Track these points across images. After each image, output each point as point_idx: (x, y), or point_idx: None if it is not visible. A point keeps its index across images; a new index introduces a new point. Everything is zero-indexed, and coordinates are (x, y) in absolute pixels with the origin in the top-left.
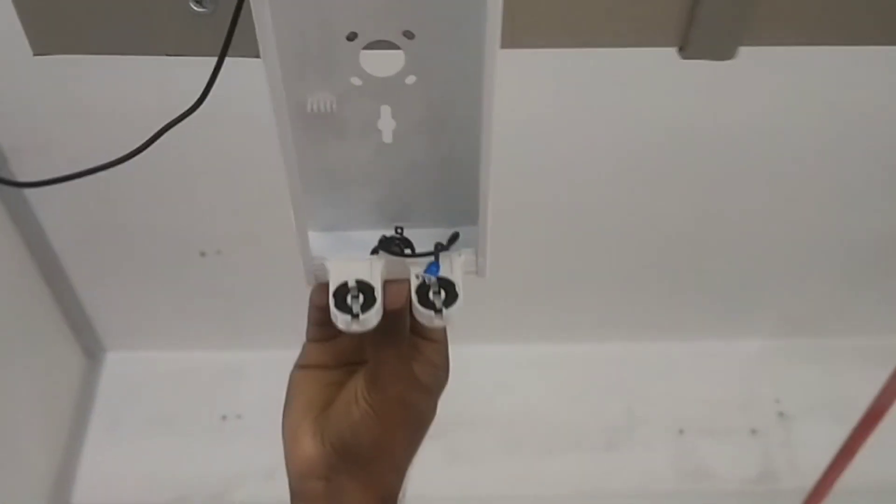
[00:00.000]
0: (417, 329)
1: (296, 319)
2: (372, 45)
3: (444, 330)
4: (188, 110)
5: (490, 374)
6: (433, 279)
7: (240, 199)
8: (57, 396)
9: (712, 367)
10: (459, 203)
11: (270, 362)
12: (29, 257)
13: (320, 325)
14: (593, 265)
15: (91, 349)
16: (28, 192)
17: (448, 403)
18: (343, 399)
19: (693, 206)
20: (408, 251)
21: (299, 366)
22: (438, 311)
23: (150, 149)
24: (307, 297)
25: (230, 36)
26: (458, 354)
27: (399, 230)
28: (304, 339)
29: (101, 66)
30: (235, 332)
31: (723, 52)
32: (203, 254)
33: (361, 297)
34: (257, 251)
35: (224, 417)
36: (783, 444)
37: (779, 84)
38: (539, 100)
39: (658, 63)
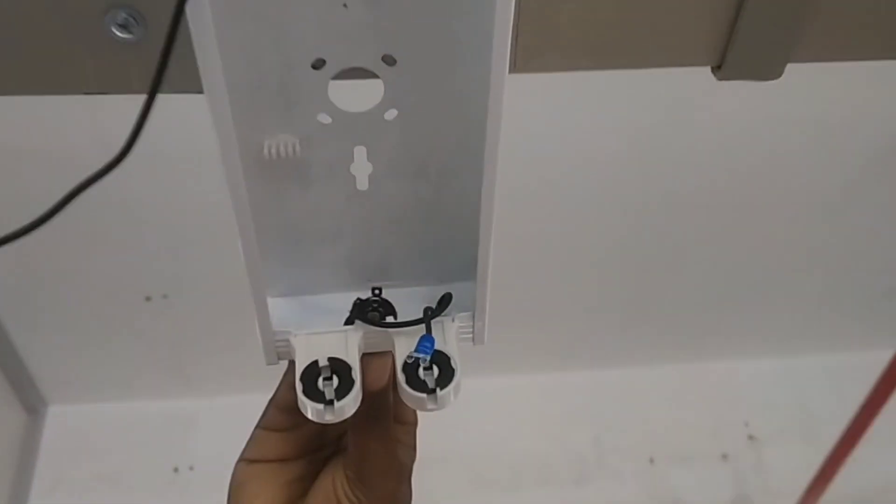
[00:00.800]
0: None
1: (248, 363)
2: (343, 75)
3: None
4: (111, 163)
5: (453, 408)
6: (425, 359)
7: (186, 240)
8: None
9: (680, 391)
10: (447, 257)
11: (223, 409)
12: None
13: (287, 411)
14: (556, 292)
15: (31, 403)
16: None
17: None
18: (319, 499)
19: (657, 229)
20: (389, 318)
21: (249, 460)
22: (432, 392)
23: (92, 188)
24: (261, 351)
25: (162, 69)
26: None
27: (376, 291)
28: (261, 391)
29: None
30: (185, 379)
31: (767, 71)
32: (148, 298)
33: (336, 380)
34: (206, 294)
35: (176, 469)
36: (755, 467)
37: (761, 99)
38: (539, 127)
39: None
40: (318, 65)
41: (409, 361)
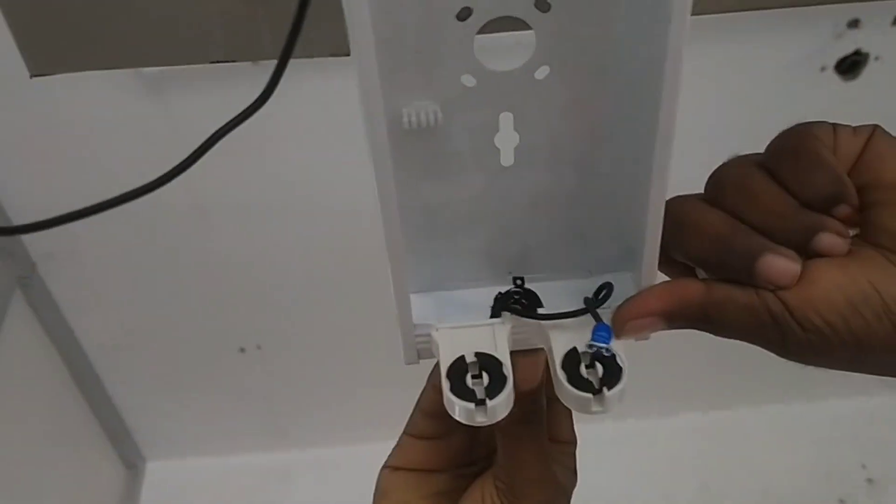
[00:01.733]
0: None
1: (342, 414)
2: (490, 27)
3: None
4: (247, 109)
5: None
6: (607, 349)
7: (280, 291)
8: None
9: (790, 433)
10: (599, 245)
11: (317, 462)
12: (62, 364)
13: (434, 416)
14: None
15: (131, 460)
16: (59, 296)
17: None
18: None
19: None
20: (541, 310)
21: (393, 467)
22: (598, 393)
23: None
24: (357, 388)
25: (299, 19)
26: None
27: (518, 282)
28: (356, 442)
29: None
30: (282, 432)
31: None
32: (243, 350)
33: (486, 377)
34: (299, 345)
35: None
36: None
37: None
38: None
39: None
40: (464, 15)
41: (590, 350)
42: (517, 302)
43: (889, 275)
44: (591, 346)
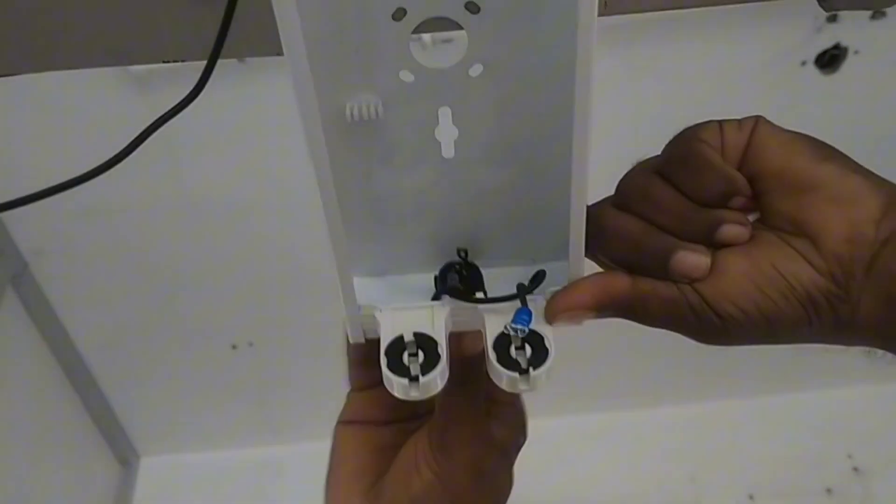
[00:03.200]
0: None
1: (334, 409)
2: (425, 26)
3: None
4: (182, 101)
5: (543, 447)
6: (524, 331)
7: (270, 288)
8: None
9: (778, 423)
10: (538, 234)
11: (310, 456)
12: (55, 362)
13: (363, 364)
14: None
15: (124, 455)
16: (51, 294)
17: None
18: (401, 467)
19: None
20: (479, 294)
21: (344, 421)
22: (524, 372)
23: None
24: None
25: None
26: None
27: (462, 254)
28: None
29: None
30: (272, 426)
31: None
32: (234, 346)
33: (421, 355)
34: (291, 340)
35: None
36: (862, 501)
37: None
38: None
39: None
40: (399, 15)
41: (505, 332)
42: (459, 272)
43: (787, 255)
44: (511, 329)
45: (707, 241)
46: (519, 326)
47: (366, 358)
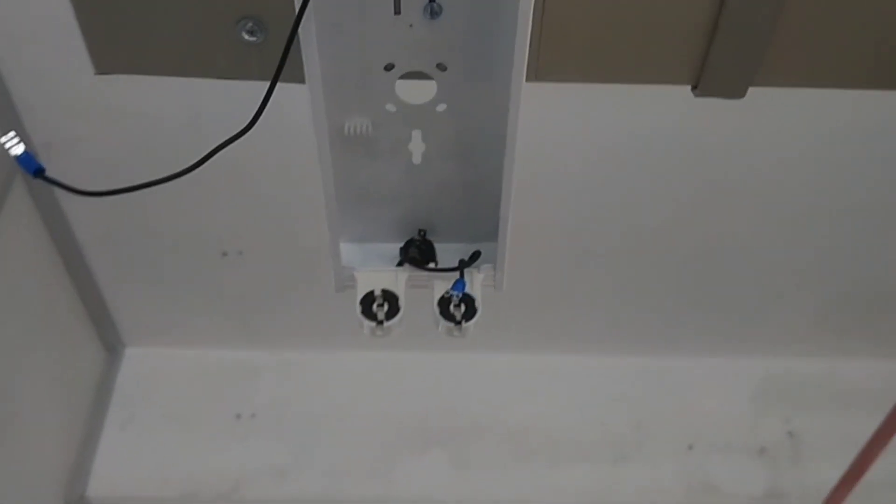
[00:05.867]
0: None
1: (310, 321)
2: (407, 76)
3: None
4: (242, 130)
5: (500, 383)
6: (458, 295)
7: (265, 203)
8: (76, 389)
9: (725, 385)
10: (481, 221)
11: (286, 363)
12: (55, 251)
13: None
14: (607, 279)
15: (111, 343)
16: (57, 189)
17: (458, 411)
18: None
19: (706, 223)
20: (431, 265)
21: None
22: (458, 324)
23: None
24: (330, 301)
25: (283, 62)
26: (471, 362)
27: (422, 233)
28: (320, 347)
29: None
30: (253, 332)
31: (734, 91)
32: (225, 254)
33: (386, 306)
34: (278, 253)
35: (238, 416)
36: (792, 463)
37: (782, 122)
38: (557, 126)
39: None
40: (389, 67)
41: (446, 295)
42: (418, 246)
43: None
44: (450, 293)
45: None
46: (455, 292)
47: None
